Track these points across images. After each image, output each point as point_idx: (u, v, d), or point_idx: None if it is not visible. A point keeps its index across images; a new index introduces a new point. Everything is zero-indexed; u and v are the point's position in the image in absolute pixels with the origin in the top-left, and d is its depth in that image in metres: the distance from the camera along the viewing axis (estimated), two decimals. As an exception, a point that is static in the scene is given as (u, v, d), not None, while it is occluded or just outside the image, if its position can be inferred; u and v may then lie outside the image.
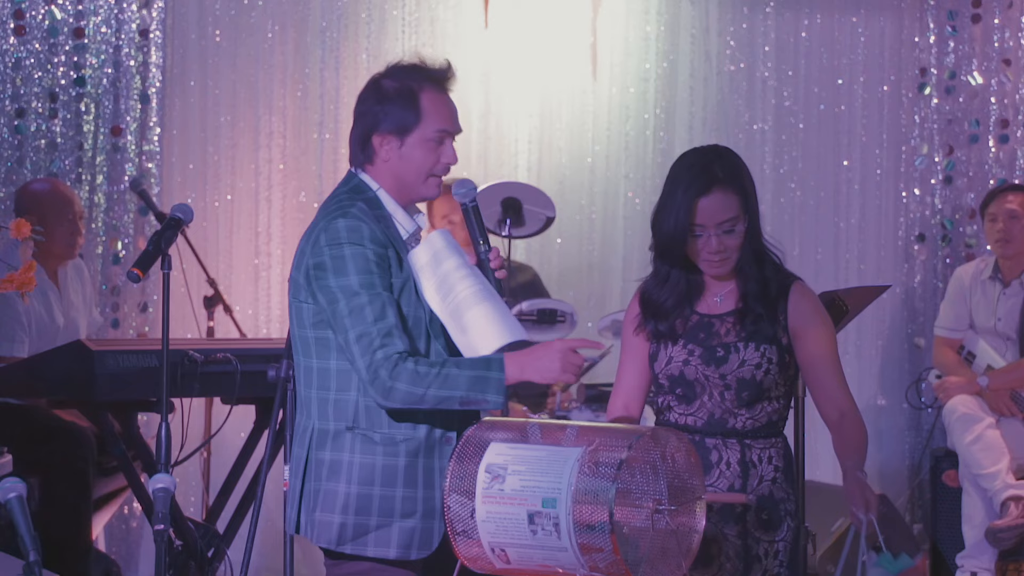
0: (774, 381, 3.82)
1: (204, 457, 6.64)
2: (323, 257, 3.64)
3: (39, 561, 3.17)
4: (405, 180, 3.75)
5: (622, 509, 3.19)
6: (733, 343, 3.82)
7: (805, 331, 3.84)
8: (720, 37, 7.75)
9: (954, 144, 7.81)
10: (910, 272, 7.84)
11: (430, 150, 3.74)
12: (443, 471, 3.60)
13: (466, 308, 3.68)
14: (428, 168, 3.75)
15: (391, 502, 3.67)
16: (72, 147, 7.05)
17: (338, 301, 3.61)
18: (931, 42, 7.80)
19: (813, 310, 3.85)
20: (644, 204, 7.71)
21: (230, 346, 5.47)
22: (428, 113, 3.73)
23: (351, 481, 3.67)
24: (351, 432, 3.68)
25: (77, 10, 7.06)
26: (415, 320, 3.69)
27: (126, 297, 7.11)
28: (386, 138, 3.74)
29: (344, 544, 3.68)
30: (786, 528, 3.85)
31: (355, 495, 3.67)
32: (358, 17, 7.42)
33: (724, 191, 3.78)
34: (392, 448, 3.67)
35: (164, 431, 4.52)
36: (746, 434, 3.83)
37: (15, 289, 4.42)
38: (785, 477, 3.86)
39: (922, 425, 7.72)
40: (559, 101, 7.65)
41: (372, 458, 3.67)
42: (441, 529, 3.64)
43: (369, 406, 3.67)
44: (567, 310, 6.58)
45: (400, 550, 3.67)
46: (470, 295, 3.68)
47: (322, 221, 3.69)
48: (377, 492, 3.67)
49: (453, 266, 3.70)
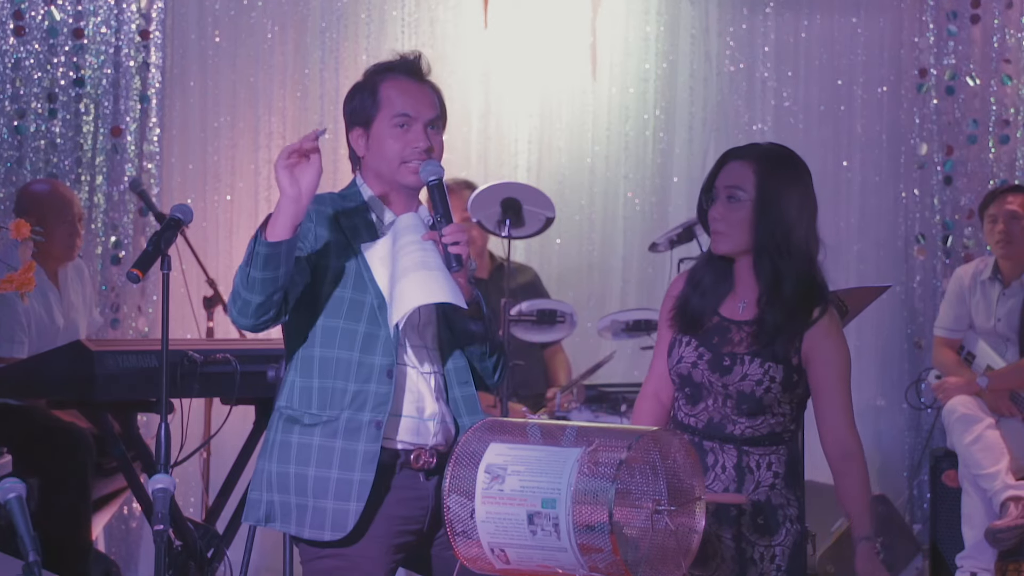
0: (776, 399, 3.80)
1: (204, 457, 6.64)
2: None
3: (39, 561, 3.17)
4: (381, 171, 3.77)
5: (622, 509, 3.19)
6: (741, 355, 3.80)
7: (817, 358, 3.81)
8: (720, 37, 7.76)
9: (954, 144, 7.81)
10: (910, 272, 7.84)
11: (395, 137, 3.74)
12: (368, 455, 3.64)
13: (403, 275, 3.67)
14: (397, 154, 3.74)
15: (304, 481, 3.68)
16: (72, 147, 7.05)
17: None
18: (931, 42, 7.80)
19: (831, 338, 3.82)
20: (644, 204, 7.71)
21: (230, 346, 5.46)
22: (386, 100, 3.74)
23: (271, 459, 3.73)
24: (278, 412, 3.75)
25: (77, 10, 7.06)
26: (354, 303, 3.69)
27: (126, 297, 7.11)
28: (357, 132, 3.79)
29: (273, 521, 3.72)
30: (784, 533, 3.83)
31: (276, 473, 3.71)
32: (358, 17, 7.42)
33: (744, 162, 3.81)
34: (309, 428, 3.69)
35: (164, 431, 4.52)
36: (745, 441, 3.82)
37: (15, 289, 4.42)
38: (786, 483, 3.84)
39: (922, 425, 7.72)
40: (559, 101, 7.65)
41: (289, 436, 3.71)
42: (358, 511, 3.64)
43: (302, 387, 3.71)
44: (567, 310, 6.58)
45: (313, 530, 3.68)
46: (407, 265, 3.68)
47: None
48: (292, 470, 3.69)
49: (406, 241, 3.72)
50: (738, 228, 3.80)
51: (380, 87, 3.76)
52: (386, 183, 3.78)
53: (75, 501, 5.74)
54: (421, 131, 3.75)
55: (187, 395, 5.35)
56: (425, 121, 3.75)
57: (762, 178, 3.79)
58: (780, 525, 3.83)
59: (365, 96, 3.77)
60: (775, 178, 3.80)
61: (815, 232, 3.84)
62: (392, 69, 3.79)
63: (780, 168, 3.83)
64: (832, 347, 3.82)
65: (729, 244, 3.83)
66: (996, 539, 6.51)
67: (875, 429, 7.82)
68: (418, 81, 3.79)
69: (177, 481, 3.88)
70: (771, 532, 3.81)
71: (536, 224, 6.46)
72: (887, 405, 7.82)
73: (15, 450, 5.47)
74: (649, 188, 7.70)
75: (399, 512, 3.72)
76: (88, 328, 6.37)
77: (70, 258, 6.29)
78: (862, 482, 3.83)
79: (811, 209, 3.84)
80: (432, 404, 3.75)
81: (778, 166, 3.83)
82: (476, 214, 6.39)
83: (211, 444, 6.44)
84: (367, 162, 3.79)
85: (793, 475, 3.87)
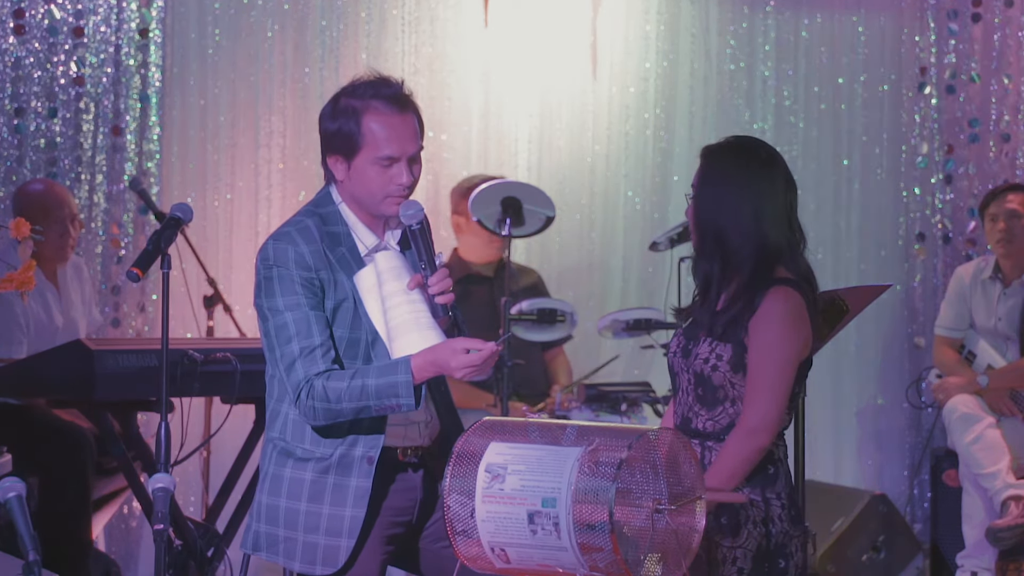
0: (726, 380, 3.78)
1: (204, 457, 6.64)
2: (258, 277, 3.73)
3: (39, 561, 3.17)
4: (361, 199, 3.76)
5: (622, 509, 3.19)
6: (699, 336, 3.83)
7: (753, 336, 3.76)
8: (720, 36, 7.75)
9: (954, 144, 7.81)
10: (910, 272, 7.84)
11: (378, 174, 3.71)
12: (359, 491, 3.68)
13: (395, 336, 3.70)
14: (380, 190, 3.73)
15: (295, 515, 3.72)
16: (72, 147, 7.05)
17: (267, 320, 3.70)
18: (931, 41, 7.80)
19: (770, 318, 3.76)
20: (644, 204, 7.71)
21: (230, 346, 5.46)
22: (370, 138, 3.70)
23: (263, 491, 3.77)
24: (272, 443, 3.77)
25: (77, 9, 7.06)
26: (351, 341, 3.73)
27: (126, 297, 7.10)
28: (336, 159, 3.76)
29: (260, 551, 3.76)
30: (746, 535, 3.78)
31: (266, 505, 3.76)
32: (358, 17, 7.41)
33: (701, 160, 3.88)
34: (302, 463, 3.72)
35: (164, 431, 4.52)
36: (707, 436, 3.81)
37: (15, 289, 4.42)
38: (749, 483, 3.78)
39: (922, 425, 7.72)
40: (559, 101, 7.64)
41: (282, 470, 3.74)
42: (349, 547, 3.68)
43: (296, 420, 3.73)
44: (567, 310, 6.57)
45: (304, 564, 3.72)
46: (399, 324, 3.70)
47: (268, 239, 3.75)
48: (283, 504, 3.73)
49: (390, 291, 3.72)
50: (692, 226, 3.87)
51: (364, 119, 3.70)
52: (364, 208, 3.77)
53: (75, 500, 5.74)
54: (405, 168, 3.72)
55: (187, 394, 5.35)
56: (408, 157, 3.73)
57: (706, 173, 3.85)
58: (742, 526, 3.78)
59: (347, 125, 3.71)
60: (719, 171, 3.83)
61: (771, 222, 3.80)
62: (376, 98, 3.72)
63: (725, 161, 3.84)
64: (764, 329, 3.74)
65: (693, 240, 3.89)
66: (997, 538, 6.51)
67: (875, 429, 7.82)
68: (401, 111, 3.73)
69: (177, 480, 3.89)
70: (733, 533, 3.77)
71: (536, 223, 6.45)
72: (887, 405, 7.82)
73: (15, 450, 5.46)
74: (649, 187, 7.69)
75: (389, 503, 3.76)
76: (88, 327, 6.36)
77: (63, 258, 6.27)
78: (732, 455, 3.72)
79: (759, 199, 3.79)
80: (421, 413, 3.79)
81: (725, 158, 3.85)
82: (476, 213, 6.38)
83: (211, 443, 6.44)
84: (346, 187, 3.77)
85: (761, 475, 3.80)
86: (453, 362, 3.60)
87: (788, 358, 3.77)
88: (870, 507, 6.86)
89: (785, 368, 3.76)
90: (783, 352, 3.76)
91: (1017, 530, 6.49)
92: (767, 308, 3.76)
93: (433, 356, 3.62)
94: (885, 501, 6.95)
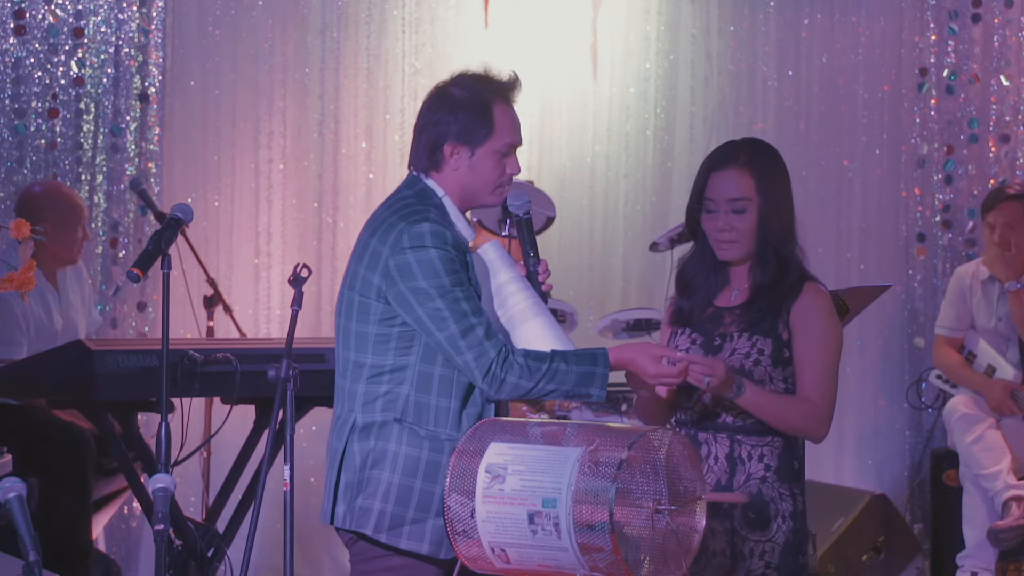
0: (767, 374, 3.82)
1: (204, 457, 6.63)
2: (407, 259, 3.68)
3: (39, 561, 3.17)
4: (472, 189, 3.81)
5: (622, 509, 3.19)
6: (731, 333, 3.85)
7: (801, 329, 3.83)
8: (720, 37, 7.75)
9: (954, 144, 7.81)
10: (911, 272, 7.84)
11: (498, 163, 3.79)
12: None
13: (520, 322, 3.75)
14: (496, 179, 3.80)
15: (430, 497, 3.68)
16: (72, 147, 7.05)
17: (432, 299, 3.66)
18: (931, 42, 7.80)
19: (816, 311, 3.85)
20: (644, 204, 7.71)
21: (230, 346, 5.46)
22: (500, 126, 3.78)
23: (395, 471, 3.70)
24: (399, 424, 3.71)
25: (77, 10, 7.06)
26: None
27: (126, 297, 7.10)
28: (457, 147, 3.78)
29: (380, 532, 3.70)
30: (776, 529, 3.82)
31: (397, 484, 3.70)
32: (358, 17, 7.41)
33: (739, 171, 3.86)
34: (437, 444, 3.69)
35: (164, 431, 4.52)
36: (737, 429, 3.83)
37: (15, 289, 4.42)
38: (779, 477, 3.83)
39: (922, 425, 7.72)
40: (559, 101, 7.64)
41: (418, 451, 3.70)
42: None
43: (419, 402, 3.71)
44: (567, 310, 6.57)
45: (432, 547, 3.69)
46: (523, 308, 3.76)
47: (400, 223, 3.71)
48: (418, 485, 3.69)
49: (506, 279, 3.78)
50: (748, 236, 3.87)
51: (494, 110, 3.78)
52: (469, 198, 3.83)
53: (75, 501, 5.74)
54: (516, 157, 3.83)
55: (187, 395, 5.34)
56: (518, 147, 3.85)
57: (762, 184, 3.86)
58: (772, 520, 3.82)
59: (477, 115, 3.77)
60: (772, 181, 3.88)
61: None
62: (503, 91, 3.81)
63: (772, 170, 3.90)
64: (815, 320, 3.84)
65: (738, 252, 3.89)
66: (998, 539, 6.51)
67: (875, 429, 7.82)
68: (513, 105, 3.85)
69: (177, 481, 3.88)
70: (763, 527, 3.81)
71: (536, 223, 6.43)
72: (887, 405, 7.82)
73: (15, 450, 5.46)
74: (649, 188, 7.69)
75: None
76: (88, 328, 6.37)
77: (73, 260, 6.30)
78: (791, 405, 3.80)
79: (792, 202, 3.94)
80: None
81: (771, 167, 3.90)
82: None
83: (211, 444, 6.44)
84: (458, 176, 3.80)
85: (788, 470, 3.85)
86: (652, 369, 3.67)
87: (839, 350, 3.88)
88: (870, 507, 6.86)
89: (837, 360, 3.87)
90: (837, 344, 3.87)
91: (1019, 531, 6.49)
92: (810, 303, 3.84)
93: (632, 356, 3.69)
94: (885, 501, 6.95)
